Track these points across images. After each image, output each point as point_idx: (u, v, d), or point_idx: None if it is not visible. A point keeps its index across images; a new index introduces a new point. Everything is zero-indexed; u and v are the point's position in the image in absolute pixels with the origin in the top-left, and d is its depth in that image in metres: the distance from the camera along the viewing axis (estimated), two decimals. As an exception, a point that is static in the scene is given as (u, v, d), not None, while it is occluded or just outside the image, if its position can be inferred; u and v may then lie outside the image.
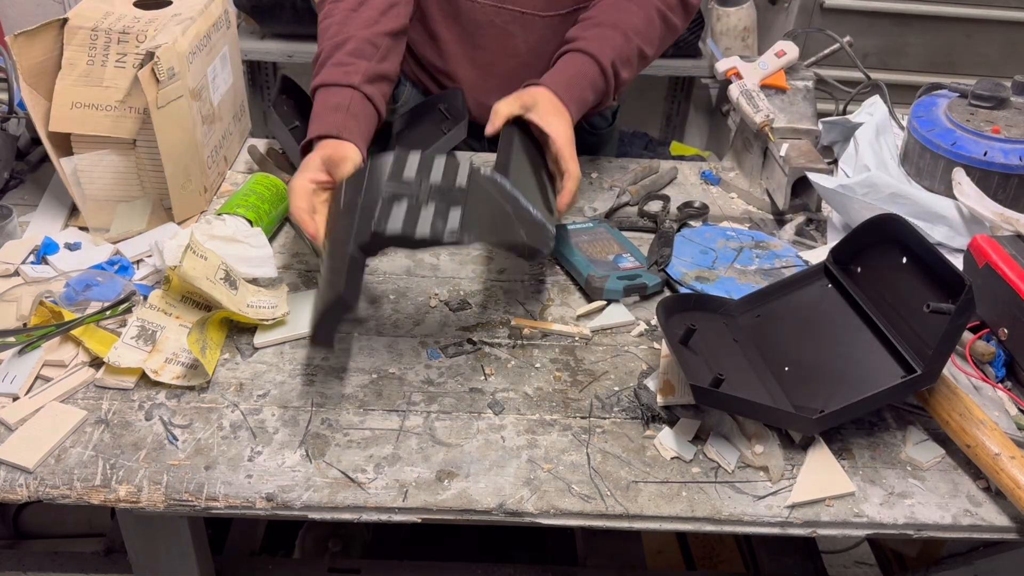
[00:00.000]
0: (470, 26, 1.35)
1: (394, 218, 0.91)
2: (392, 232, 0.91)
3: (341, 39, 1.18)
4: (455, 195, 0.95)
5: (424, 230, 0.91)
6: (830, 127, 1.41)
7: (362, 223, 0.92)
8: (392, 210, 0.92)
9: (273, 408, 0.93)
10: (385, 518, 0.84)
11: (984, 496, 0.88)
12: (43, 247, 1.11)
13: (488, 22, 1.34)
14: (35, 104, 1.12)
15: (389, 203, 0.93)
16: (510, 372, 1.00)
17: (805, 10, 2.48)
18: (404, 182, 0.95)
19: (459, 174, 0.97)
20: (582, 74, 1.20)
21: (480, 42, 1.36)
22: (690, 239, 1.23)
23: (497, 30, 1.34)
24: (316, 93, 1.16)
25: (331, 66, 1.16)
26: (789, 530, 0.86)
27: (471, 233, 0.93)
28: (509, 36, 1.35)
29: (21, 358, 0.94)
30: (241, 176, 1.36)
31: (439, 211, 0.93)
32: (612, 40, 1.22)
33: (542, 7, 1.32)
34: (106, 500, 0.83)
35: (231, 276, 1.03)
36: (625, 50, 1.22)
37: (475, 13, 1.34)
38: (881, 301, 0.95)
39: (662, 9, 1.25)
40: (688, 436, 0.91)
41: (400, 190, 0.94)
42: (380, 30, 1.21)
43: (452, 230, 0.91)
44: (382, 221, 0.91)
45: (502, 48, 1.36)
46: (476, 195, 0.96)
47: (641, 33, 1.24)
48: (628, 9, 1.24)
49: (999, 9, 2.49)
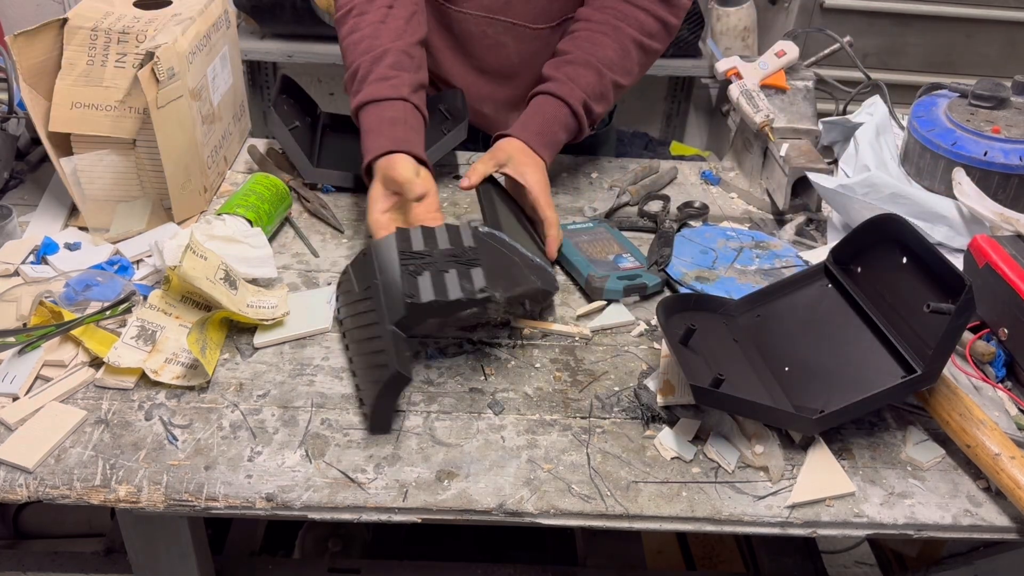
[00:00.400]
0: (462, 36, 1.36)
1: (423, 288, 0.94)
2: (427, 300, 0.92)
3: (378, 52, 1.19)
4: (468, 255, 0.99)
5: (456, 292, 0.94)
6: (830, 127, 1.41)
7: (391, 300, 0.94)
8: (418, 281, 0.94)
9: (273, 408, 0.93)
10: (385, 518, 0.84)
11: (984, 496, 0.88)
12: (43, 247, 1.11)
13: (480, 32, 1.35)
14: (35, 104, 1.12)
15: (412, 276, 0.95)
16: (510, 372, 1.00)
17: (805, 10, 2.48)
18: (417, 254, 0.98)
19: (463, 236, 1.01)
20: (553, 118, 1.21)
21: (473, 51, 1.38)
22: (690, 239, 1.23)
23: (489, 40, 1.36)
24: (365, 108, 1.17)
25: (376, 81, 1.17)
26: (789, 530, 0.86)
27: (496, 288, 0.95)
28: (501, 46, 1.36)
29: (21, 358, 0.94)
30: (241, 176, 1.36)
31: (461, 273, 0.96)
32: (584, 79, 1.22)
33: (532, 19, 1.33)
34: (106, 500, 0.83)
35: (231, 276, 1.03)
36: (598, 87, 1.23)
37: (467, 24, 1.35)
38: (881, 301, 0.95)
39: (638, 38, 1.25)
40: (688, 436, 0.91)
41: (417, 262, 0.97)
42: (410, 40, 1.23)
43: (481, 287, 0.94)
44: (413, 292, 0.93)
45: (494, 57, 1.38)
46: (485, 252, 1.01)
47: (616, 66, 1.24)
48: (602, 43, 1.23)
49: (999, 9, 2.49)
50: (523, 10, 1.32)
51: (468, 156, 1.47)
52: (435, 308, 0.93)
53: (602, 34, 1.24)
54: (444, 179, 1.39)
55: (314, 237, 1.23)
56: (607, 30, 1.24)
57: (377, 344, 0.93)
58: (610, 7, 1.25)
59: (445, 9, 1.34)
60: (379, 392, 0.88)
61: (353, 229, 1.25)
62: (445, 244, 1.00)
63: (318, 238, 1.23)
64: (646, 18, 1.25)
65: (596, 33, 1.24)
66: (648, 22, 1.25)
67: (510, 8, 1.32)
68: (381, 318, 0.94)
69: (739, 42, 2.55)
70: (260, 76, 2.76)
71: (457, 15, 1.34)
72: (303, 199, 1.29)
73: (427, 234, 1.02)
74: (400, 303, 0.93)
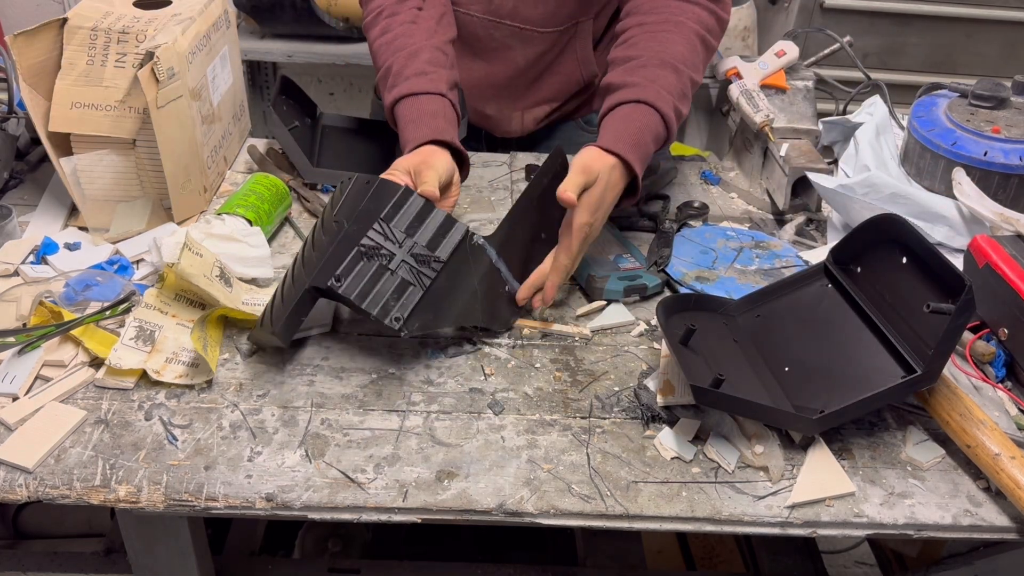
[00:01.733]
0: (469, 39, 1.36)
1: (353, 277, 0.93)
2: (344, 293, 0.92)
3: (413, 50, 1.19)
4: (430, 266, 0.96)
5: (374, 306, 0.93)
6: (830, 127, 1.41)
7: (327, 264, 0.93)
8: (358, 266, 0.93)
9: (273, 408, 0.93)
10: (385, 518, 0.84)
11: (984, 496, 0.88)
12: (43, 247, 1.11)
13: (487, 35, 1.35)
14: (35, 104, 1.12)
15: (357, 258, 0.93)
16: (510, 372, 1.00)
17: (805, 10, 2.48)
18: (388, 238, 0.95)
19: (448, 240, 0.98)
20: (644, 127, 1.09)
21: (479, 54, 1.38)
22: (690, 239, 1.23)
23: (496, 43, 1.35)
24: (402, 102, 1.16)
25: (413, 76, 1.17)
26: (789, 530, 0.86)
27: (413, 325, 0.95)
28: (508, 49, 1.36)
29: (21, 358, 0.94)
30: (241, 176, 1.36)
31: (400, 286, 0.94)
32: (664, 79, 1.11)
33: (540, 23, 1.32)
34: (106, 500, 0.83)
35: (225, 274, 1.03)
36: (679, 85, 1.12)
37: (474, 27, 1.34)
38: (881, 301, 0.95)
39: (701, 32, 1.17)
40: (688, 436, 0.91)
41: (377, 247, 0.95)
42: (442, 39, 1.23)
43: (397, 316, 0.94)
44: (342, 276, 0.92)
45: (500, 60, 1.37)
46: (450, 271, 0.98)
47: (689, 62, 1.14)
48: (669, 40, 1.14)
49: (999, 9, 2.49)
50: (530, 14, 1.32)
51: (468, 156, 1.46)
52: (344, 302, 0.95)
53: (665, 32, 1.15)
54: (444, 179, 1.39)
55: (314, 237, 1.23)
56: (669, 28, 1.15)
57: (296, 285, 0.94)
58: (663, 6, 1.17)
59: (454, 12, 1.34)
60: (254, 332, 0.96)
61: (353, 229, 1.25)
62: (424, 240, 0.97)
63: (318, 238, 1.23)
64: (702, 12, 1.18)
65: (659, 32, 1.15)
66: (705, 17, 1.18)
67: (517, 12, 1.31)
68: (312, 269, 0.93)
69: (739, 42, 2.55)
70: (260, 76, 2.76)
71: (464, 18, 1.34)
72: (303, 199, 1.29)
73: (420, 214, 0.97)
74: (327, 275, 0.92)
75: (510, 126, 1.47)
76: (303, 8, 2.30)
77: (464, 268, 1.00)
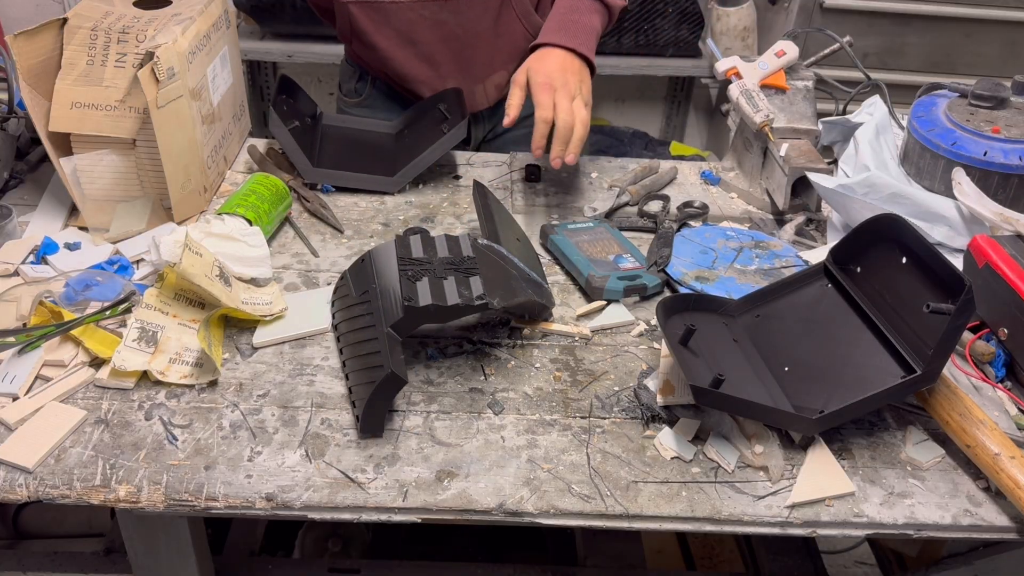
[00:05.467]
0: (402, 26, 1.39)
1: (421, 293, 0.94)
2: (424, 304, 0.93)
3: None
4: (467, 264, 1.00)
5: (454, 298, 0.94)
6: (830, 127, 1.41)
7: (388, 304, 0.95)
8: (416, 286, 0.95)
9: (273, 408, 0.93)
10: (385, 518, 0.84)
11: (984, 496, 0.88)
12: (43, 247, 1.11)
13: (418, 17, 1.37)
14: (35, 104, 1.12)
15: (411, 281, 0.96)
16: (510, 372, 1.00)
17: (805, 10, 2.48)
18: (416, 260, 0.99)
19: (462, 247, 1.03)
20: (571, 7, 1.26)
21: (416, 38, 1.40)
22: (690, 239, 1.23)
23: (428, 22, 1.38)
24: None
25: None
26: (789, 530, 0.86)
27: (494, 296, 0.96)
28: (442, 24, 1.38)
29: (21, 358, 0.94)
30: (241, 176, 1.36)
31: (459, 280, 0.97)
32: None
33: None
34: (106, 500, 0.83)
35: (224, 273, 1.03)
36: None
37: (403, 12, 1.37)
38: (881, 301, 0.95)
39: None
40: (688, 436, 0.91)
41: (416, 268, 0.98)
42: None
43: (479, 295, 0.95)
44: (412, 296, 0.93)
45: (438, 37, 1.40)
46: (483, 263, 1.01)
47: None
48: None
49: (999, 9, 2.49)
50: None
51: (468, 156, 1.47)
52: (432, 313, 0.93)
53: None
54: (444, 179, 1.39)
55: (314, 237, 1.23)
56: None
57: (372, 346, 0.93)
58: None
59: (380, 6, 1.37)
60: (372, 393, 0.88)
61: (353, 229, 1.25)
62: (444, 253, 1.01)
63: (318, 238, 1.23)
64: None
65: None
66: None
67: None
68: (377, 321, 0.94)
69: (739, 42, 2.55)
70: (260, 76, 2.77)
71: (391, 7, 1.37)
72: (303, 199, 1.29)
73: (426, 242, 1.03)
74: (397, 306, 0.93)
75: (475, 100, 1.49)
76: (303, 8, 2.31)
77: (490, 260, 1.04)
